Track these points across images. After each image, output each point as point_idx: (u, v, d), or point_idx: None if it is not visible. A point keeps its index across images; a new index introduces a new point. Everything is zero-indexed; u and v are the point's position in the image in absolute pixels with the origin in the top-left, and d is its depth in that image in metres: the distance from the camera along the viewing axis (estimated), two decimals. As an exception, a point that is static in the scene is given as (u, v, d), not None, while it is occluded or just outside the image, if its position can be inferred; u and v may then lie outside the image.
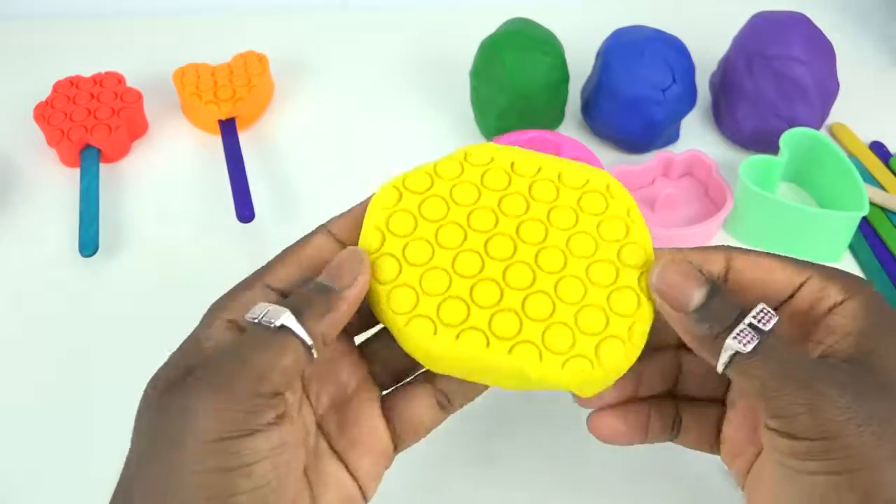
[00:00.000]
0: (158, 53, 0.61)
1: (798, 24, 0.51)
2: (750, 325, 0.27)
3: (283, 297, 0.29)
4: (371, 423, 0.31)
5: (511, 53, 0.50)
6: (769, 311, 0.27)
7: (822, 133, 0.51)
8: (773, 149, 0.50)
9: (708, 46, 0.56)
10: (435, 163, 0.33)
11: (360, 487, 0.30)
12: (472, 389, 0.32)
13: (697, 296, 0.28)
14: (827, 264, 0.30)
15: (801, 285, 0.29)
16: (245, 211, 0.48)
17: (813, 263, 0.30)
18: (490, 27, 0.53)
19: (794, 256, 0.30)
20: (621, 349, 0.29)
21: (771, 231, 0.47)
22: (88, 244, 0.46)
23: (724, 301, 0.27)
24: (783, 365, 0.26)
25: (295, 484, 0.27)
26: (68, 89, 0.54)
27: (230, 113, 0.54)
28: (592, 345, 0.29)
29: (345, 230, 0.32)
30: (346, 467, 0.30)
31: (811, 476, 0.25)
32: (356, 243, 0.31)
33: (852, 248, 0.48)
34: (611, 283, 0.30)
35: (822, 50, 0.51)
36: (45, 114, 0.52)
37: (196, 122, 0.56)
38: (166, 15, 0.66)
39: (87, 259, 0.46)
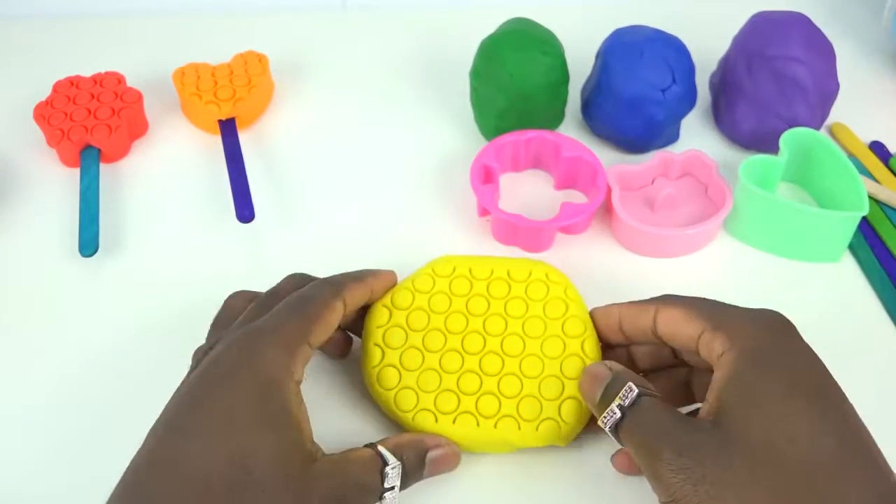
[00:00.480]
0: (158, 53, 0.61)
1: (798, 24, 0.51)
2: (618, 405, 0.32)
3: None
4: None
5: (511, 53, 0.50)
6: (630, 389, 0.32)
7: (822, 133, 0.51)
8: (772, 149, 0.50)
9: (708, 46, 0.56)
10: (412, 277, 0.41)
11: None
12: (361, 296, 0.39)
13: (599, 393, 0.33)
14: (740, 311, 0.33)
15: (698, 336, 0.33)
16: (245, 211, 0.48)
17: (718, 311, 0.34)
18: (490, 27, 0.53)
19: (715, 303, 0.35)
20: (577, 406, 0.37)
21: (771, 231, 0.47)
22: (88, 244, 0.46)
23: (616, 383, 0.33)
24: (637, 437, 0.31)
25: None
26: (68, 89, 0.54)
27: (230, 113, 0.54)
28: (555, 408, 0.37)
29: (355, 299, 0.38)
30: None
31: None
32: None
33: (852, 247, 0.48)
34: (560, 354, 0.38)
35: (821, 50, 0.51)
36: (45, 114, 0.52)
37: (196, 122, 0.56)
38: (166, 15, 0.66)
39: (87, 259, 0.46)
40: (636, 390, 0.32)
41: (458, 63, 0.55)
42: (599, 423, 0.33)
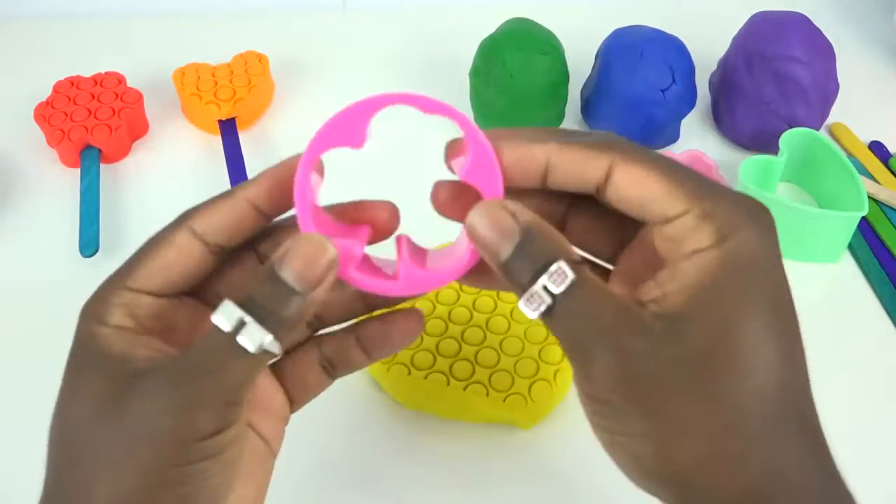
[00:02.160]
0: (158, 53, 0.61)
1: (798, 24, 0.51)
2: (544, 286, 0.25)
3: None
4: (267, 386, 0.31)
5: (511, 53, 0.50)
6: (563, 272, 0.25)
7: (822, 133, 0.51)
8: (772, 149, 0.50)
9: (708, 46, 0.56)
10: None
11: (269, 445, 0.30)
12: (353, 361, 0.31)
13: (506, 249, 0.25)
14: (728, 195, 0.26)
15: (677, 217, 0.26)
16: (245, 211, 0.48)
17: (705, 191, 0.26)
18: (490, 27, 0.53)
19: (693, 175, 0.27)
20: (548, 389, 0.38)
21: (770, 231, 0.47)
22: (89, 244, 0.46)
23: (535, 249, 0.25)
24: (570, 332, 0.25)
25: None
26: (68, 89, 0.54)
27: (230, 113, 0.54)
28: (526, 385, 0.38)
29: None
30: (253, 429, 0.30)
31: (594, 429, 0.27)
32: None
33: (851, 247, 0.48)
34: (542, 341, 0.40)
35: (821, 50, 0.51)
36: (45, 114, 0.52)
37: (196, 123, 0.56)
38: (166, 15, 0.66)
39: (88, 259, 0.46)
40: (571, 275, 0.25)
41: (458, 63, 0.55)
42: (520, 304, 0.25)
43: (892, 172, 0.53)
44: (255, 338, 0.25)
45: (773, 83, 0.51)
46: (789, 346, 0.25)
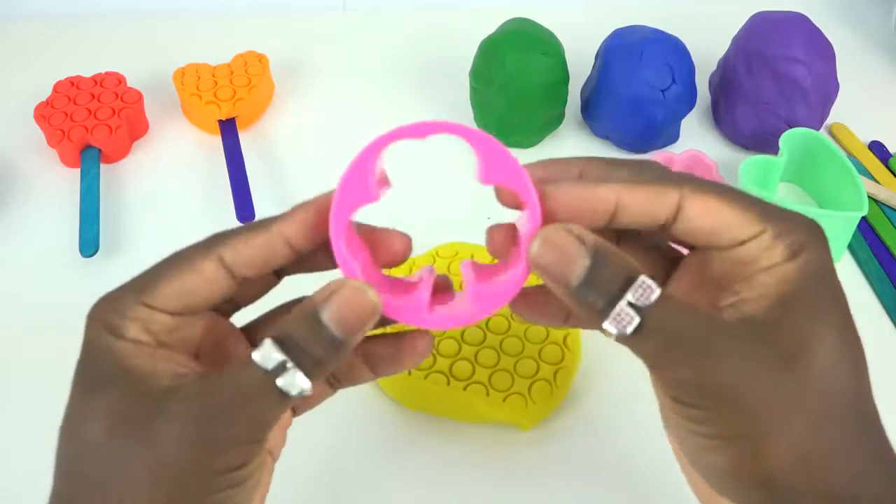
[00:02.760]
0: (158, 53, 0.61)
1: (798, 24, 0.51)
2: (629, 303, 0.25)
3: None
4: None
5: (511, 53, 0.50)
6: (649, 286, 0.25)
7: (822, 133, 0.51)
8: (772, 149, 0.50)
9: (708, 46, 0.57)
10: (413, 259, 0.43)
11: (270, 453, 0.30)
12: (358, 377, 0.31)
13: (577, 273, 0.25)
14: (793, 216, 0.27)
15: (751, 239, 0.26)
16: (245, 211, 0.48)
17: (773, 213, 0.27)
18: (490, 27, 0.53)
19: (756, 199, 0.27)
20: (548, 389, 0.38)
21: (770, 231, 0.47)
22: (89, 244, 0.46)
23: (609, 270, 0.25)
24: (662, 343, 0.25)
25: None
26: (69, 89, 0.54)
27: (230, 113, 0.54)
28: (526, 385, 0.38)
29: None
30: None
31: (683, 439, 0.26)
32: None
33: (851, 248, 0.48)
34: (542, 341, 0.40)
35: (821, 50, 0.51)
36: (45, 114, 0.52)
37: (196, 123, 0.56)
38: (166, 15, 0.66)
39: (88, 259, 0.46)
40: (657, 290, 0.25)
41: (459, 63, 0.55)
42: (606, 325, 0.25)
43: (892, 172, 0.53)
44: (295, 383, 0.25)
45: (773, 83, 0.51)
46: (858, 355, 0.27)
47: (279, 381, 0.25)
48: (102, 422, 0.26)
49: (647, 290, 0.25)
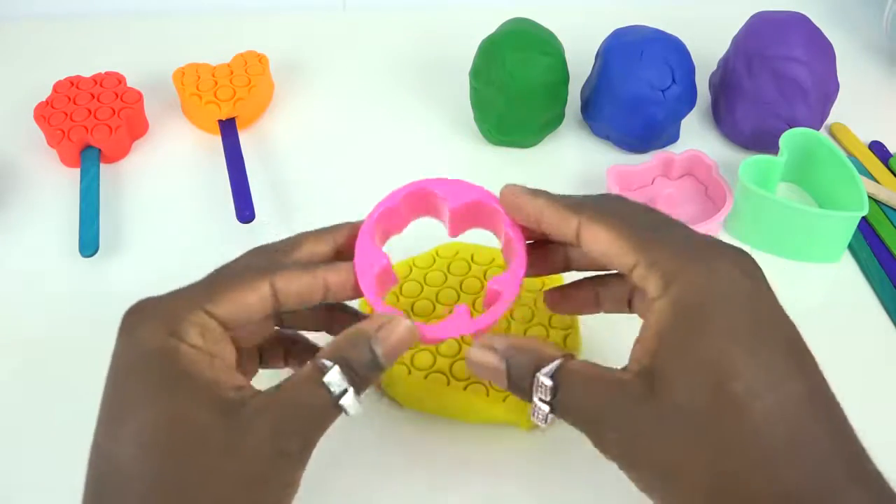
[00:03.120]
0: (158, 53, 0.61)
1: (798, 24, 0.51)
2: (539, 399, 0.29)
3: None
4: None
5: (511, 53, 0.50)
6: (542, 382, 0.29)
7: (822, 133, 0.51)
8: (772, 149, 0.50)
9: (708, 46, 0.56)
10: (415, 256, 0.43)
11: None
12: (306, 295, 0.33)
13: (502, 380, 0.30)
14: (673, 241, 0.29)
15: (631, 269, 0.29)
16: (245, 211, 0.48)
17: (652, 241, 0.29)
18: (490, 27, 0.53)
19: (646, 225, 0.30)
20: None
21: (770, 231, 0.47)
22: (88, 244, 0.46)
23: (519, 373, 0.30)
24: (573, 419, 0.29)
25: None
26: (68, 89, 0.54)
27: (230, 113, 0.54)
28: None
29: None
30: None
31: None
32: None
33: (851, 248, 0.48)
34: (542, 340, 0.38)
35: (821, 50, 0.51)
36: (45, 114, 0.52)
37: (196, 123, 0.56)
38: (166, 15, 0.66)
39: (88, 259, 0.46)
40: (549, 381, 0.28)
41: (458, 63, 0.55)
42: (532, 419, 0.30)
43: (892, 172, 0.53)
44: (355, 404, 0.29)
45: (773, 83, 0.51)
46: (757, 374, 0.26)
47: (343, 402, 0.29)
48: (186, 432, 0.27)
49: (543, 387, 0.29)
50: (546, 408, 0.29)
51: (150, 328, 0.29)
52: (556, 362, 0.29)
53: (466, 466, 0.38)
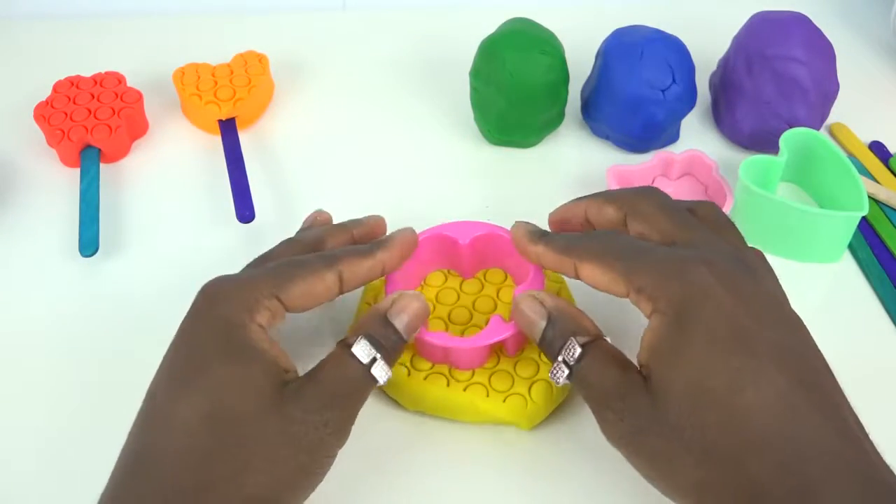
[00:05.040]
0: (158, 53, 0.61)
1: (798, 24, 0.51)
2: (564, 361, 0.33)
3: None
4: None
5: (511, 53, 0.50)
6: (574, 347, 0.32)
7: (822, 133, 0.51)
8: (772, 149, 0.50)
9: (708, 46, 0.57)
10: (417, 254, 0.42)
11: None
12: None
13: (538, 329, 0.34)
14: (651, 265, 0.32)
15: (627, 295, 0.32)
16: (245, 211, 0.48)
17: (635, 268, 0.32)
18: (490, 27, 0.53)
19: (628, 253, 0.33)
20: (548, 389, 0.38)
21: (770, 231, 0.47)
22: (88, 244, 0.46)
23: (555, 332, 0.33)
24: (585, 392, 0.32)
25: None
26: (68, 89, 0.54)
27: (230, 113, 0.54)
28: (526, 386, 0.38)
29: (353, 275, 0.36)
30: None
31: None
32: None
33: (852, 248, 0.48)
34: None
35: (821, 50, 0.51)
36: (45, 114, 0.52)
37: (196, 123, 0.56)
38: (166, 15, 0.66)
39: (87, 259, 0.46)
40: (579, 348, 0.32)
41: (458, 63, 0.55)
42: (549, 375, 0.33)
43: (892, 172, 0.53)
44: (383, 371, 0.33)
45: (773, 83, 0.51)
46: (737, 371, 0.29)
47: (374, 370, 0.32)
48: (249, 394, 0.30)
49: (572, 349, 0.32)
50: (567, 371, 0.32)
51: (229, 304, 0.33)
52: (589, 336, 0.33)
53: (467, 467, 0.38)
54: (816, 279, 0.47)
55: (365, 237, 0.40)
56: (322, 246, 0.38)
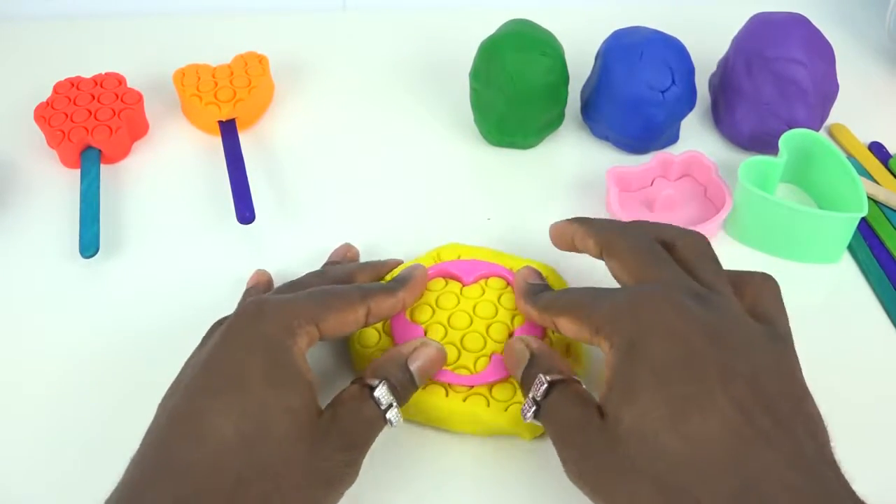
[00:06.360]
0: (158, 54, 0.61)
1: (797, 25, 0.51)
2: (532, 398, 0.34)
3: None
4: None
5: (511, 54, 0.50)
6: (542, 383, 0.33)
7: (822, 134, 0.51)
8: (772, 150, 0.50)
9: (707, 47, 0.57)
10: (416, 259, 0.43)
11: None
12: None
13: (519, 374, 0.36)
14: (609, 307, 0.33)
15: (592, 339, 0.34)
16: (245, 212, 0.48)
17: (595, 312, 0.33)
18: (490, 28, 0.53)
19: (588, 300, 0.34)
20: None
21: (770, 232, 0.47)
22: (89, 245, 0.46)
23: (531, 371, 0.35)
24: (549, 428, 0.33)
25: None
26: (69, 90, 0.54)
27: (230, 114, 0.54)
28: None
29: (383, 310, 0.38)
30: None
31: None
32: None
33: (851, 248, 0.48)
34: None
35: (821, 51, 0.51)
36: (45, 115, 0.52)
37: (196, 123, 0.56)
38: (166, 15, 0.66)
39: (88, 260, 0.46)
40: (545, 382, 0.33)
41: (458, 64, 0.55)
42: (521, 413, 0.34)
43: (891, 173, 0.53)
44: (397, 416, 0.34)
45: (773, 84, 0.51)
46: (670, 413, 0.29)
47: (388, 415, 0.34)
48: (287, 420, 0.31)
49: (540, 385, 0.33)
50: (534, 407, 0.33)
51: (274, 323, 0.33)
52: (560, 375, 0.34)
53: (467, 479, 0.37)
54: (816, 280, 0.47)
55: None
56: (352, 281, 0.40)
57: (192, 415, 0.31)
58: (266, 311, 0.34)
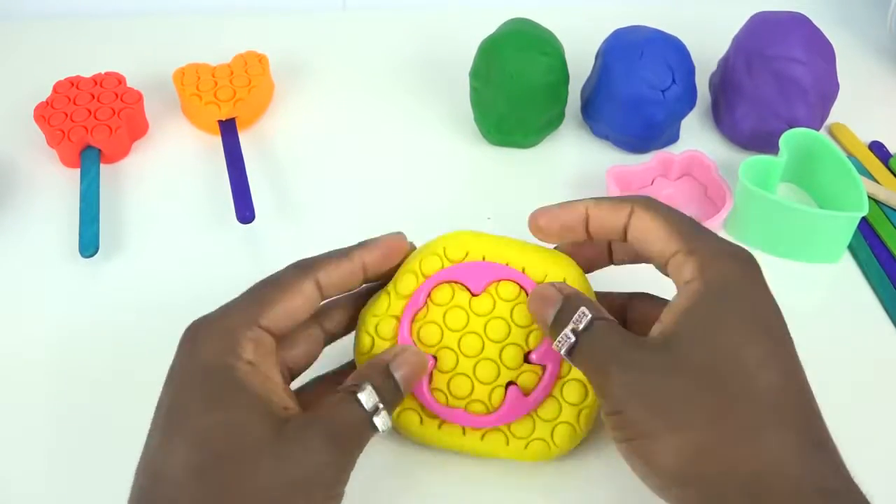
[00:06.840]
0: (158, 53, 0.61)
1: (798, 25, 0.51)
2: (572, 329, 0.32)
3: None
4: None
5: (511, 54, 0.50)
6: (585, 314, 0.32)
7: (822, 133, 0.51)
8: (772, 149, 0.50)
9: (708, 46, 0.56)
10: (420, 257, 0.37)
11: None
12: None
13: (551, 315, 0.33)
14: (713, 238, 0.32)
15: (672, 255, 0.32)
16: (245, 212, 0.48)
17: (694, 234, 0.32)
18: (490, 27, 0.53)
19: (690, 223, 0.33)
20: (571, 432, 0.35)
21: (770, 232, 0.47)
22: (89, 245, 0.46)
23: (570, 309, 0.32)
24: (589, 359, 0.31)
25: None
26: (68, 90, 0.54)
27: (230, 113, 0.54)
28: (549, 430, 0.35)
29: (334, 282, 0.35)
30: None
31: (616, 443, 0.31)
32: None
33: (851, 248, 0.48)
34: (564, 376, 0.35)
35: (821, 50, 0.51)
36: (45, 114, 0.52)
37: (196, 123, 0.56)
38: (166, 15, 0.66)
39: (88, 260, 0.46)
40: (589, 315, 0.32)
41: (458, 63, 0.55)
42: (554, 346, 0.32)
43: (892, 172, 0.53)
44: (385, 421, 0.32)
45: (773, 83, 0.51)
46: (770, 353, 0.29)
47: (376, 419, 0.31)
48: (241, 440, 0.29)
49: (582, 316, 0.32)
50: (573, 339, 0.31)
51: (210, 345, 0.31)
52: (601, 313, 0.32)
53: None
54: (816, 279, 0.47)
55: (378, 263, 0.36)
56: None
57: (149, 457, 0.30)
58: (199, 336, 0.32)
